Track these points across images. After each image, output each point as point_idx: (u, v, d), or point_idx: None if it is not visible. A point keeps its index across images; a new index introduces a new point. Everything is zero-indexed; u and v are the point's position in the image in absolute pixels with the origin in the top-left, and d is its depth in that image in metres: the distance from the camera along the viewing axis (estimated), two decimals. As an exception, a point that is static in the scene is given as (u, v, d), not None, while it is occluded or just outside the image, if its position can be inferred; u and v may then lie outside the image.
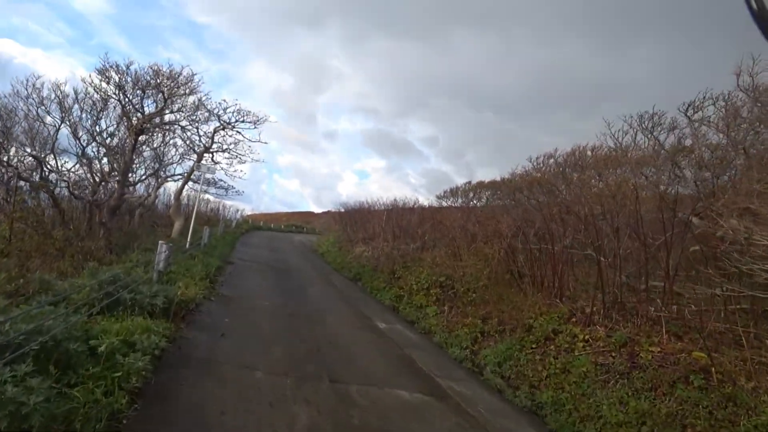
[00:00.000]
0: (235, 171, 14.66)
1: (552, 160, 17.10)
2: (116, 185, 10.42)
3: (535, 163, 18.14)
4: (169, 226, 13.35)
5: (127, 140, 10.59)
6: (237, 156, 13.92)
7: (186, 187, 14.53)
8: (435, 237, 12.66)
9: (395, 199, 19.59)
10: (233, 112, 13.27)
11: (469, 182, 29.68)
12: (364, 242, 17.08)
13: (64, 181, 9.92)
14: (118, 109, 10.52)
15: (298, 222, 54.70)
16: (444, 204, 28.77)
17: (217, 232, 15.06)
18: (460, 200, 29.32)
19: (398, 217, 17.41)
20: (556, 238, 8.78)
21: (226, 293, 7.33)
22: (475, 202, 27.46)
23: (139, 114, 10.94)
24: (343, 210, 23.91)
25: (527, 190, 15.37)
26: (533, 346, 7.05)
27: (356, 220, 21.50)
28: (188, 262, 8.33)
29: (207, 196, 22.02)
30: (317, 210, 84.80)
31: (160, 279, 6.31)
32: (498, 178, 16.05)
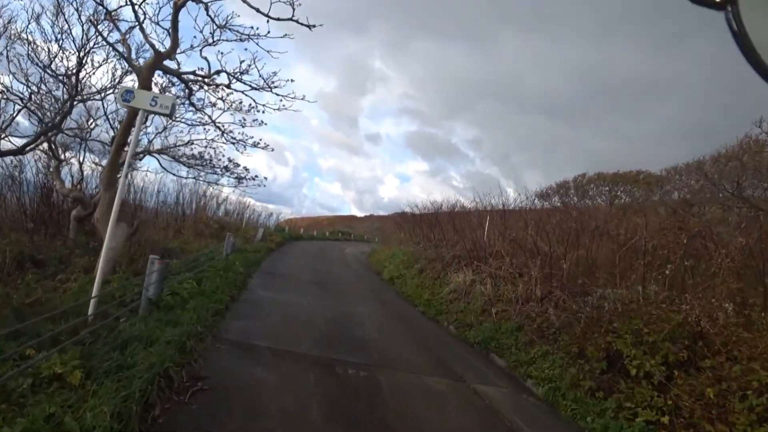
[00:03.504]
0: (247, 139, 8.08)
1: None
2: None
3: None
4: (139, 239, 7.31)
5: None
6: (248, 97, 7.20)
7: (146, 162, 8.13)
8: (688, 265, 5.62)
9: (492, 200, 12.65)
10: None
11: (583, 175, 22.07)
12: (467, 264, 10.29)
13: None
14: None
15: (343, 227, 48.86)
16: (543, 204, 21.42)
17: (222, 253, 8.80)
18: (555, 198, 21.89)
19: (522, 224, 10.49)
20: None
21: None
22: (593, 200, 19.92)
23: None
24: (414, 213, 17.31)
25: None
26: None
27: (437, 226, 14.76)
28: None
29: (221, 190, 15.97)
30: (359, 214, 79.19)
31: None
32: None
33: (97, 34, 7.34)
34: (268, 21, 5.83)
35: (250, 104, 7.53)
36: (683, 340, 4.59)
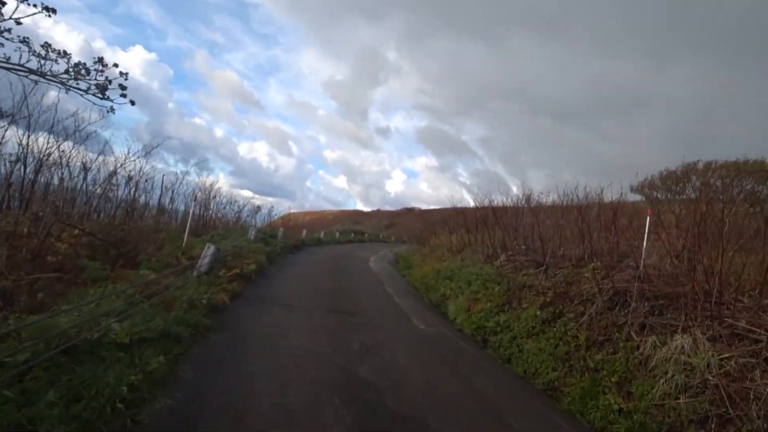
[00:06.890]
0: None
1: None
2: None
3: None
4: None
5: None
6: None
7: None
8: None
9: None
10: None
11: (694, 163, 16.16)
12: (671, 311, 4.79)
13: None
14: None
15: (350, 223, 43.35)
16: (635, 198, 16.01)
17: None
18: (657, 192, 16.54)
19: None
20: None
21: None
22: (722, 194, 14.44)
23: None
24: (484, 205, 11.82)
25: None
26: None
27: (540, 229, 9.18)
28: None
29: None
30: (365, 208, 73.28)
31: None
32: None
33: None
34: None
35: None
36: None
